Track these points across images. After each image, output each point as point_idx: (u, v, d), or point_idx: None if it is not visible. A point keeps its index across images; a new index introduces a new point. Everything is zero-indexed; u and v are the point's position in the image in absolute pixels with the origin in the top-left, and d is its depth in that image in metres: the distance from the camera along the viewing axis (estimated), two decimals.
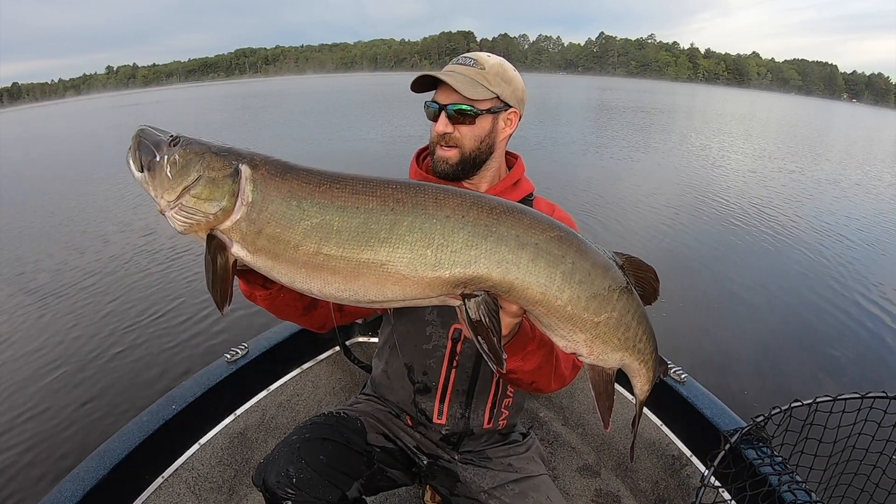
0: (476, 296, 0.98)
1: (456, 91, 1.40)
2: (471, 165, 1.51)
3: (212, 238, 0.99)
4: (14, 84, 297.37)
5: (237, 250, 1.00)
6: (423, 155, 1.67)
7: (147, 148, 1.01)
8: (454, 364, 1.57)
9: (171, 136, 1.02)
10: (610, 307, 1.03)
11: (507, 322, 1.07)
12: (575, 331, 1.04)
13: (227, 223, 0.97)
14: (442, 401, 1.61)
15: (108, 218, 9.43)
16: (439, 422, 1.62)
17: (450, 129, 1.44)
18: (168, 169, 0.98)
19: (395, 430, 1.68)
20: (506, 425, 1.70)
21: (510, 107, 1.49)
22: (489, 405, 1.63)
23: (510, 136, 1.55)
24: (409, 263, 0.94)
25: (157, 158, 0.99)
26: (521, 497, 1.54)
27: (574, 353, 1.09)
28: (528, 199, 1.64)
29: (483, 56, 1.47)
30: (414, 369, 1.62)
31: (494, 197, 1.02)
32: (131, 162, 1.02)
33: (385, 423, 1.68)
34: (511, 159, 1.66)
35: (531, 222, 0.98)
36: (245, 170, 0.98)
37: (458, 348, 1.56)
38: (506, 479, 1.60)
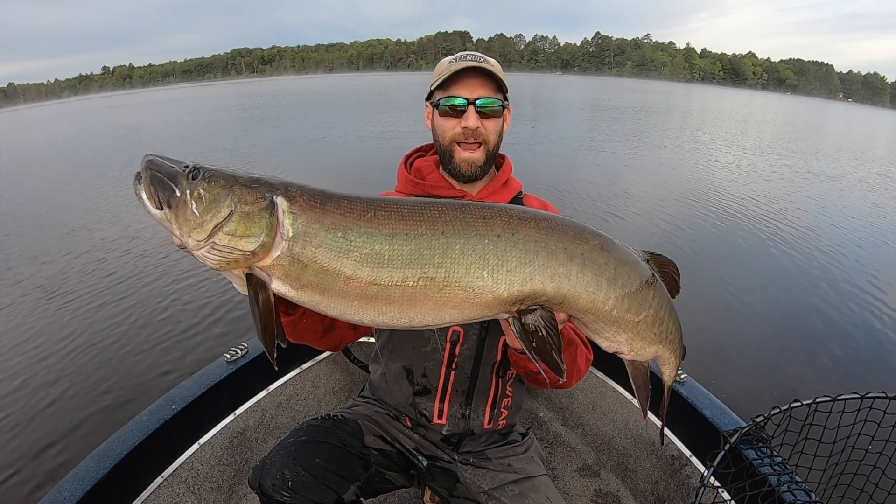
0: (532, 310, 0.98)
1: (482, 85, 1.42)
2: (491, 163, 1.53)
3: (250, 276, 0.94)
4: (10, 84, 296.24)
5: (279, 286, 0.94)
6: (411, 160, 1.66)
7: (163, 182, 0.91)
8: (453, 366, 1.57)
9: (186, 166, 0.94)
10: (647, 306, 1.07)
11: None
12: (618, 332, 1.07)
13: (268, 260, 0.92)
14: (441, 401, 1.60)
15: (106, 217, 9.42)
16: (439, 422, 1.62)
17: (479, 123, 1.44)
18: (193, 205, 0.90)
19: (393, 432, 1.67)
20: (505, 425, 1.70)
21: (508, 103, 1.53)
22: (489, 405, 1.63)
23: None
24: (467, 287, 0.93)
25: (178, 194, 0.91)
26: (521, 498, 1.54)
27: (616, 352, 1.12)
28: (517, 198, 1.65)
29: (481, 55, 1.48)
30: (413, 371, 1.61)
31: (537, 210, 1.03)
32: (146, 198, 0.93)
33: (383, 425, 1.67)
34: (498, 159, 1.66)
35: (575, 233, 1.00)
36: (281, 202, 0.92)
37: (458, 350, 1.56)
38: (505, 479, 1.60)
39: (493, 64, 1.46)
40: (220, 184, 0.92)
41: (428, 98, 1.55)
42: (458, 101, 1.43)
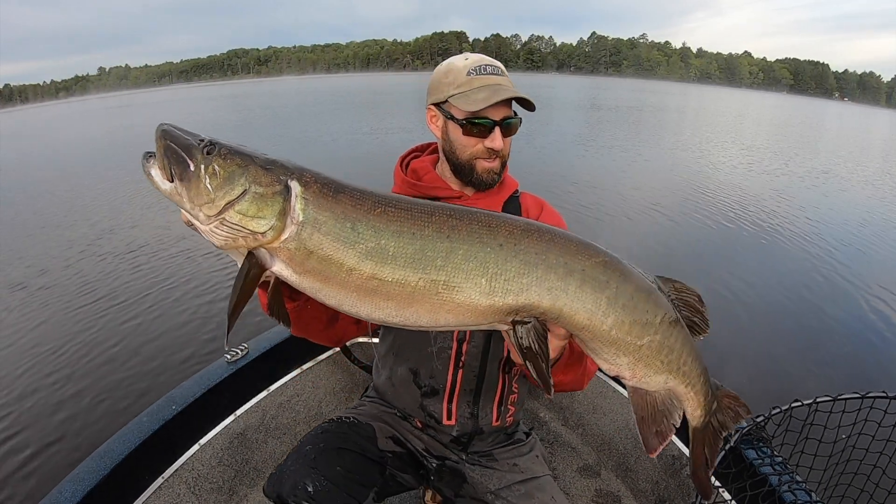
0: (526, 322, 0.98)
1: (505, 103, 1.41)
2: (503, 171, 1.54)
3: (251, 254, 0.95)
4: (6, 86, 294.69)
5: (281, 269, 0.96)
6: (406, 161, 1.64)
7: (177, 155, 0.92)
8: (460, 364, 1.56)
9: (202, 140, 0.94)
10: (653, 330, 1.01)
11: (555, 345, 1.06)
12: (619, 354, 1.02)
13: (276, 242, 0.92)
14: (450, 402, 1.59)
15: (105, 216, 9.40)
16: (449, 423, 1.61)
17: (503, 144, 1.44)
18: (207, 180, 0.91)
19: (403, 432, 1.66)
20: (512, 422, 1.70)
21: None
22: (496, 402, 1.62)
23: None
24: (465, 292, 0.94)
25: (192, 168, 0.91)
26: (527, 497, 1.54)
27: (618, 376, 1.07)
28: (514, 196, 1.64)
29: (493, 60, 1.45)
30: (420, 373, 1.60)
31: (541, 223, 1.02)
32: (156, 171, 0.93)
33: (394, 426, 1.66)
34: None
35: (577, 248, 0.98)
36: (295, 186, 0.93)
37: (465, 348, 1.55)
38: (512, 479, 1.60)
39: (505, 72, 1.45)
40: (236, 162, 0.93)
41: (441, 103, 1.47)
42: (486, 123, 1.40)
